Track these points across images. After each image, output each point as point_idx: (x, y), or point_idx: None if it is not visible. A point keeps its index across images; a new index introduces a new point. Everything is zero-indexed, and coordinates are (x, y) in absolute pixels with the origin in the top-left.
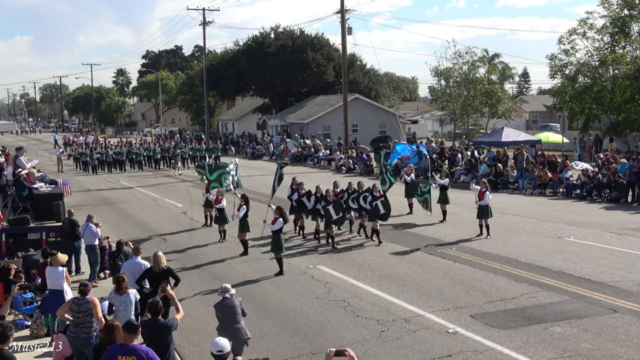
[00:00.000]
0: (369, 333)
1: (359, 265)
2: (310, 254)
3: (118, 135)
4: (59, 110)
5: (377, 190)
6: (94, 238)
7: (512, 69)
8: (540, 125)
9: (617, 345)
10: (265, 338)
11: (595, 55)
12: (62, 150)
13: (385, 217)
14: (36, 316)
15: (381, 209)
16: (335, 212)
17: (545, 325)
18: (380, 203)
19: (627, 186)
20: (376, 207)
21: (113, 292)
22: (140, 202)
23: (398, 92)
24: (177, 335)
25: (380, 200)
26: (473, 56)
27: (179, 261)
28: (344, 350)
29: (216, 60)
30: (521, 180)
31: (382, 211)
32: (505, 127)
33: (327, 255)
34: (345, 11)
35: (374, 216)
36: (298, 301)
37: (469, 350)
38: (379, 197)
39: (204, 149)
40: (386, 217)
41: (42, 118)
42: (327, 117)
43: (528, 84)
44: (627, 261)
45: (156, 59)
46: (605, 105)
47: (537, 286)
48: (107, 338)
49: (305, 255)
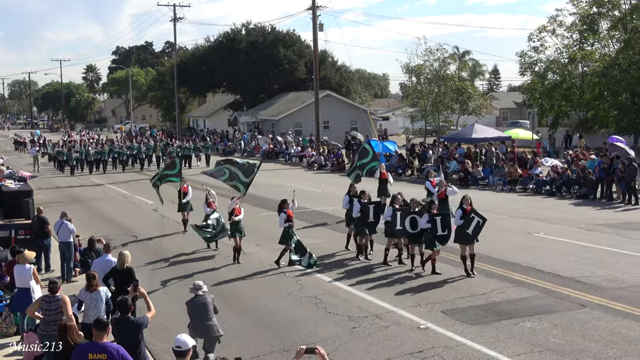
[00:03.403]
0: (340, 329)
1: (331, 263)
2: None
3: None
4: (27, 107)
5: (435, 207)
6: (70, 235)
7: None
8: (510, 122)
9: (586, 340)
10: (238, 335)
11: (565, 52)
12: (37, 149)
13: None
14: (5, 315)
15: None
16: (400, 221)
17: (516, 320)
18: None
19: (596, 182)
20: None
21: (84, 289)
22: (111, 199)
23: (369, 89)
24: (149, 333)
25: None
26: (444, 53)
27: (149, 258)
28: (315, 348)
29: (187, 56)
30: (491, 177)
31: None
32: (475, 124)
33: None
34: (316, 7)
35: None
36: (270, 298)
37: (440, 345)
38: (437, 215)
39: (192, 147)
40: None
41: (10, 114)
42: (298, 113)
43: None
44: (596, 257)
45: (126, 55)
46: (575, 102)
47: (507, 282)
48: (61, 338)
49: (277, 252)
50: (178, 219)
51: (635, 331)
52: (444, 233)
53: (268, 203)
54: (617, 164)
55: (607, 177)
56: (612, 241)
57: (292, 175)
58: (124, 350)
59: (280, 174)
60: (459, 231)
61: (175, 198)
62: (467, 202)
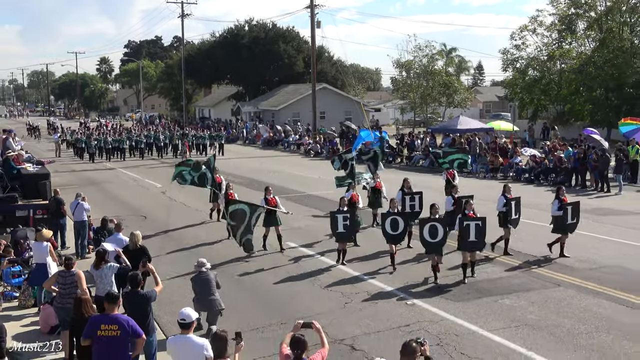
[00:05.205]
0: (334, 305)
1: (326, 243)
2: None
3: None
4: (45, 96)
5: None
6: (84, 214)
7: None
8: (492, 114)
9: (560, 317)
10: (239, 309)
11: (544, 50)
12: (59, 135)
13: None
14: (24, 288)
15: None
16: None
17: (495, 297)
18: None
19: (571, 171)
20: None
21: (93, 265)
22: (122, 182)
23: (363, 82)
24: (156, 306)
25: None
26: (432, 50)
27: (157, 237)
28: (311, 322)
29: (194, 50)
30: (475, 165)
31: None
32: (460, 116)
33: (295, 233)
34: (314, 6)
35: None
36: (269, 275)
37: (425, 320)
38: (471, 218)
39: (207, 136)
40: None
41: (29, 102)
42: (296, 104)
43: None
44: (570, 240)
45: (137, 49)
46: (553, 96)
47: (488, 262)
48: (76, 310)
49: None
50: (185, 201)
51: (605, 309)
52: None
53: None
54: (591, 154)
55: (582, 166)
56: (586, 225)
57: (290, 162)
58: (134, 322)
59: (280, 161)
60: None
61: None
62: (470, 206)
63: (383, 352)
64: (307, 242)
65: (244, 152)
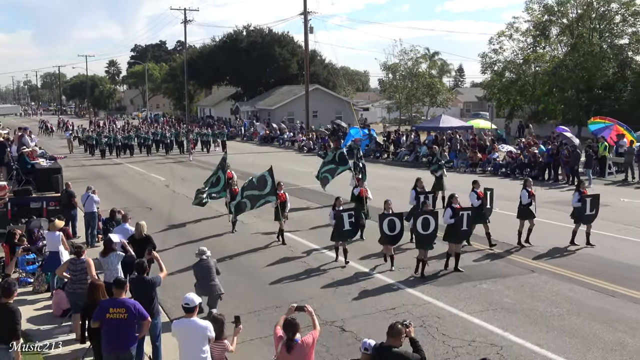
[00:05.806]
0: (325, 289)
1: (318, 232)
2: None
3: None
4: (57, 96)
5: (456, 201)
6: (94, 206)
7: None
8: (472, 114)
9: (535, 300)
10: (237, 294)
11: (520, 54)
12: (71, 132)
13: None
14: (38, 274)
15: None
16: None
17: (474, 282)
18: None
19: (544, 166)
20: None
21: (101, 253)
22: (129, 176)
23: (352, 84)
24: (161, 291)
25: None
26: (416, 53)
27: (162, 227)
28: (304, 306)
29: (195, 53)
30: (455, 160)
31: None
32: (443, 115)
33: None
34: (307, 13)
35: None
36: (265, 262)
37: (409, 303)
38: (463, 209)
39: (210, 133)
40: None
41: (42, 102)
42: (291, 104)
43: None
44: (543, 229)
45: (143, 52)
46: (528, 97)
47: (467, 250)
48: (91, 295)
49: (272, 222)
50: (187, 193)
51: (576, 293)
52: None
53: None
54: (562, 150)
55: (554, 161)
56: (558, 216)
57: (285, 158)
58: (140, 305)
59: (276, 156)
60: (450, 230)
61: (189, 177)
62: (456, 200)
63: (371, 334)
64: (301, 231)
65: (242, 148)
